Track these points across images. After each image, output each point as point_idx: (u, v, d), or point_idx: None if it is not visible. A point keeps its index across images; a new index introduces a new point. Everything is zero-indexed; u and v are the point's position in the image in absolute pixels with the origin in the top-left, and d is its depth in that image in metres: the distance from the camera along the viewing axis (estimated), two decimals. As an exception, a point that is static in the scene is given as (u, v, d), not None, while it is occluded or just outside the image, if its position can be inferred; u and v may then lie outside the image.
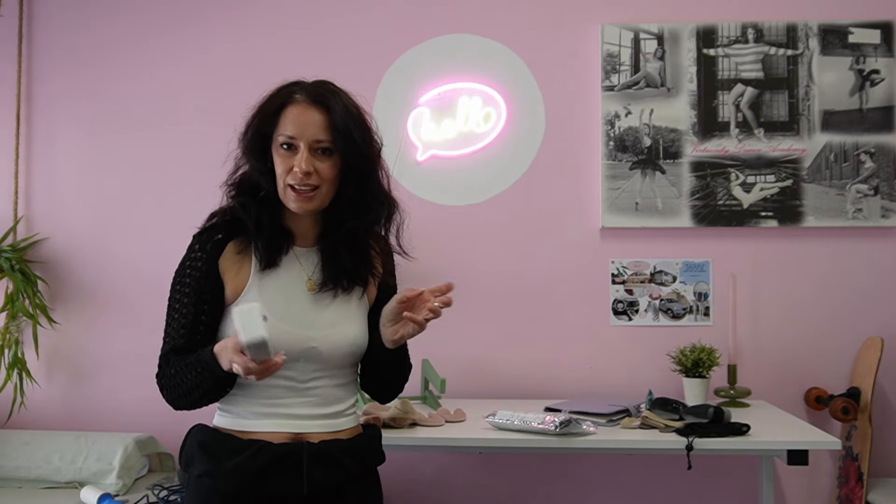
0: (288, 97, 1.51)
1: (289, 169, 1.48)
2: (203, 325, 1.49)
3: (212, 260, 1.51)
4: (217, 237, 1.53)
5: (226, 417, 1.53)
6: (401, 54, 2.99)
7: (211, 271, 1.50)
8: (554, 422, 2.23)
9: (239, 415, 1.51)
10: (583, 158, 2.96)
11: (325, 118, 1.48)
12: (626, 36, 2.93)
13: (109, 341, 3.05)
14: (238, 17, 3.06)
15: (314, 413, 1.52)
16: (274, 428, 1.49)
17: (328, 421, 1.54)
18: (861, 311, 2.89)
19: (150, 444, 2.82)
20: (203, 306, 1.49)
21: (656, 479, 2.90)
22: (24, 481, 2.72)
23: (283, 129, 1.49)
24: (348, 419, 1.58)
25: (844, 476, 2.77)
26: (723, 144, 2.91)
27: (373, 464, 1.62)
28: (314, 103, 1.49)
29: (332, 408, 1.54)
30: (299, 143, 1.47)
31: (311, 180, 1.47)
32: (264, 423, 1.50)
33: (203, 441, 1.52)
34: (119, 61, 3.09)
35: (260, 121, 1.52)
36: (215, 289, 1.50)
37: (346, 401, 1.59)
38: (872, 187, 2.88)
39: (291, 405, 1.50)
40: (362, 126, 1.52)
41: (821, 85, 2.90)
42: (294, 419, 1.50)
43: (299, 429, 1.50)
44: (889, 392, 2.88)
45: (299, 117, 1.48)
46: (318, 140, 1.48)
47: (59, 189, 3.11)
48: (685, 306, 2.92)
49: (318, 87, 1.52)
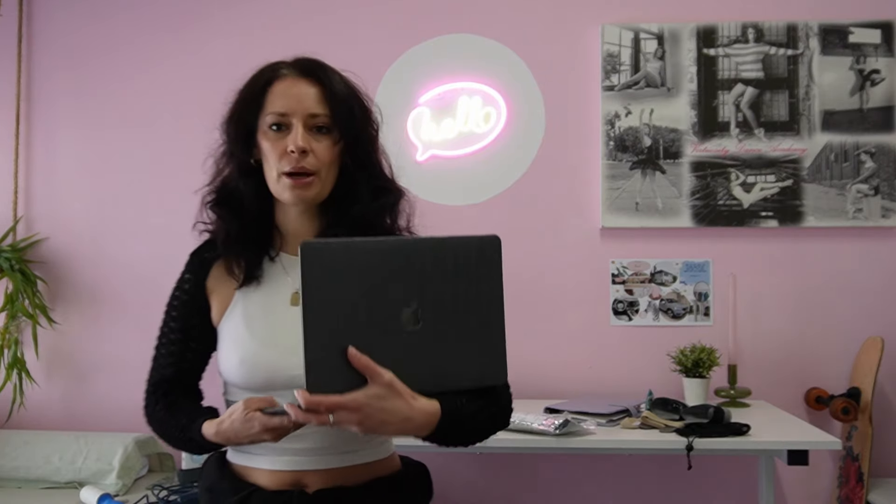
0: (273, 73, 1.32)
1: (282, 152, 1.27)
2: (191, 353, 1.38)
3: (199, 281, 1.38)
4: (204, 256, 1.39)
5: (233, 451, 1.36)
6: (401, 54, 2.99)
7: (198, 294, 1.37)
8: (554, 423, 2.23)
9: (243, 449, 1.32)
10: (583, 158, 2.95)
11: (319, 90, 1.30)
12: (626, 36, 2.93)
13: (109, 341, 3.05)
14: (237, 16, 3.06)
15: (314, 447, 1.29)
16: (270, 465, 1.30)
17: (334, 456, 1.30)
18: (861, 311, 2.89)
19: (150, 444, 2.82)
20: (192, 332, 1.37)
21: (656, 479, 2.90)
22: (24, 481, 2.72)
23: (270, 107, 1.29)
24: (369, 451, 1.32)
25: (845, 476, 2.77)
26: (723, 144, 2.91)
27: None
28: (305, 75, 1.31)
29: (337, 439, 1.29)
30: (292, 120, 1.28)
31: (307, 162, 1.27)
32: (263, 458, 1.31)
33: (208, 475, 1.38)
34: (119, 60, 3.09)
35: (243, 107, 1.33)
36: (202, 312, 1.37)
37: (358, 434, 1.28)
38: (873, 187, 2.88)
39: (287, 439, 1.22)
40: (361, 101, 1.35)
41: (821, 85, 2.90)
42: (291, 454, 1.29)
43: (298, 466, 1.29)
44: (889, 392, 2.87)
45: (290, 90, 1.29)
46: (314, 114, 1.29)
47: (59, 189, 3.10)
48: (685, 306, 2.92)
49: (306, 59, 1.34)
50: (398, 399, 1.10)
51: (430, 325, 1.14)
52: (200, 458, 2.63)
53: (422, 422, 1.15)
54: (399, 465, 1.39)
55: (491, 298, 1.20)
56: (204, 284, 1.38)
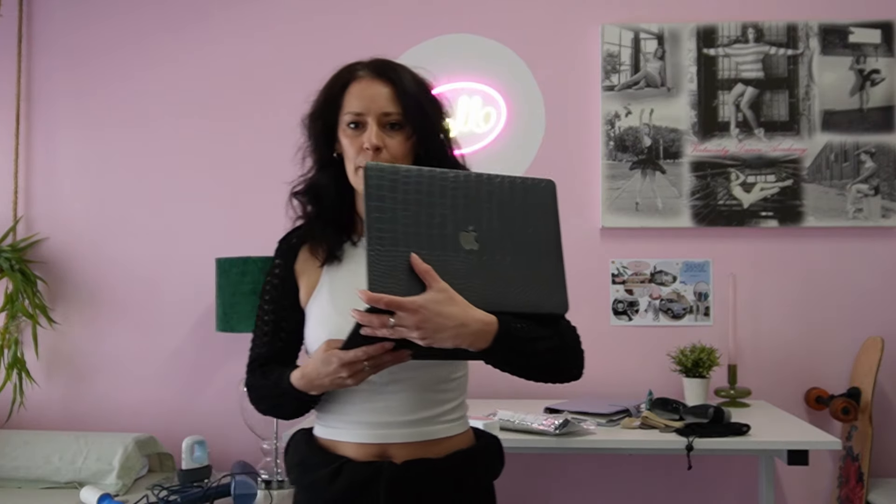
0: (350, 75, 1.43)
1: (359, 148, 1.38)
2: (284, 332, 1.47)
3: (288, 266, 1.49)
4: (292, 241, 1.51)
5: (319, 426, 1.46)
6: (401, 54, 2.99)
7: (288, 278, 1.48)
8: (554, 423, 2.23)
9: (330, 423, 1.43)
10: (583, 158, 2.96)
11: (391, 90, 1.40)
12: (626, 36, 2.93)
13: (109, 341, 3.05)
14: (238, 16, 3.06)
15: (397, 420, 1.37)
16: (357, 439, 1.38)
17: (417, 429, 1.38)
18: (861, 311, 2.89)
19: (150, 444, 2.82)
20: (283, 313, 1.47)
21: (656, 479, 2.90)
22: (24, 481, 2.72)
23: (348, 107, 1.41)
24: (448, 426, 1.41)
25: (844, 476, 2.77)
26: (723, 144, 2.91)
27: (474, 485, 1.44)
28: (378, 76, 1.42)
29: (420, 413, 1.38)
30: (367, 119, 1.39)
31: (381, 157, 1.37)
32: (350, 432, 1.39)
33: (296, 451, 1.48)
34: (119, 60, 3.09)
35: (323, 107, 1.44)
36: (293, 294, 1.48)
37: (444, 404, 1.41)
38: (873, 187, 2.88)
39: (371, 411, 1.37)
40: (431, 96, 1.45)
41: (821, 85, 2.90)
42: (377, 428, 1.38)
43: (384, 439, 1.37)
44: (889, 392, 2.87)
45: (365, 91, 1.40)
46: (387, 113, 1.39)
47: (59, 189, 3.10)
48: (685, 306, 2.92)
49: (380, 61, 1.46)
50: (454, 305, 1.19)
51: (488, 248, 1.23)
52: (202, 458, 2.64)
53: (476, 329, 1.21)
54: (474, 439, 1.48)
55: (548, 235, 1.28)
56: (293, 268, 1.49)
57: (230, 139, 3.04)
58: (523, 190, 1.28)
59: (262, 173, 3.00)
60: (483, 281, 1.22)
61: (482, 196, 1.24)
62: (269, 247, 2.85)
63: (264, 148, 3.02)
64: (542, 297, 1.28)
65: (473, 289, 1.21)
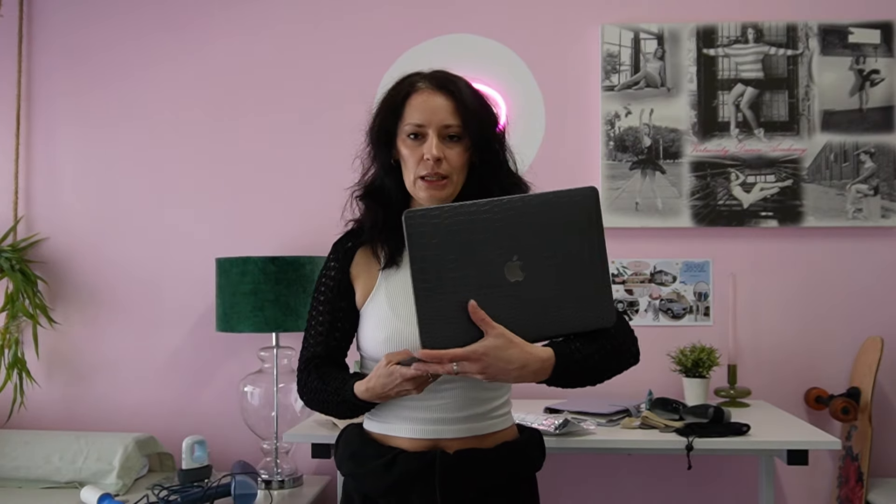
0: (411, 87, 1.50)
1: (419, 159, 1.45)
2: (339, 332, 1.52)
3: (344, 268, 1.54)
4: (348, 245, 1.56)
5: (371, 421, 1.54)
6: (401, 54, 2.99)
7: (343, 279, 1.53)
8: (554, 423, 2.23)
9: (383, 419, 1.51)
10: (583, 158, 2.96)
11: (451, 103, 1.47)
12: (626, 36, 2.93)
13: (109, 341, 3.05)
14: (238, 16, 3.06)
15: (451, 417, 1.47)
16: (411, 434, 1.47)
17: (468, 425, 1.48)
18: (861, 311, 2.89)
19: (150, 444, 2.82)
20: (338, 314, 1.52)
21: (656, 479, 2.90)
22: (24, 481, 2.72)
23: (409, 118, 1.47)
24: (496, 421, 1.52)
25: (844, 476, 2.77)
26: (723, 144, 2.91)
27: (520, 474, 1.55)
28: (439, 89, 1.49)
29: (471, 410, 1.48)
30: (427, 130, 1.45)
31: (441, 168, 1.44)
32: (403, 427, 1.48)
33: (349, 443, 1.55)
34: (119, 60, 3.09)
35: (384, 116, 1.50)
36: (349, 296, 1.53)
37: (492, 401, 1.51)
38: (872, 187, 2.88)
39: (426, 409, 1.46)
40: (488, 108, 1.51)
41: (821, 85, 2.90)
42: (430, 424, 1.46)
43: (437, 434, 1.46)
44: (889, 392, 2.88)
45: (426, 103, 1.47)
46: (447, 125, 1.46)
47: (59, 189, 3.11)
48: (685, 306, 2.92)
49: (440, 73, 1.53)
50: (514, 347, 1.27)
51: (533, 274, 1.24)
52: (202, 458, 2.64)
53: (537, 367, 1.32)
54: (518, 432, 1.58)
55: (591, 247, 1.29)
56: (348, 271, 1.54)
57: (230, 139, 3.04)
58: (563, 205, 1.29)
59: (262, 173, 3.00)
60: (532, 311, 1.26)
61: (523, 221, 1.25)
62: (269, 246, 2.86)
63: (264, 147, 3.02)
64: (588, 315, 1.32)
65: (523, 320, 1.25)
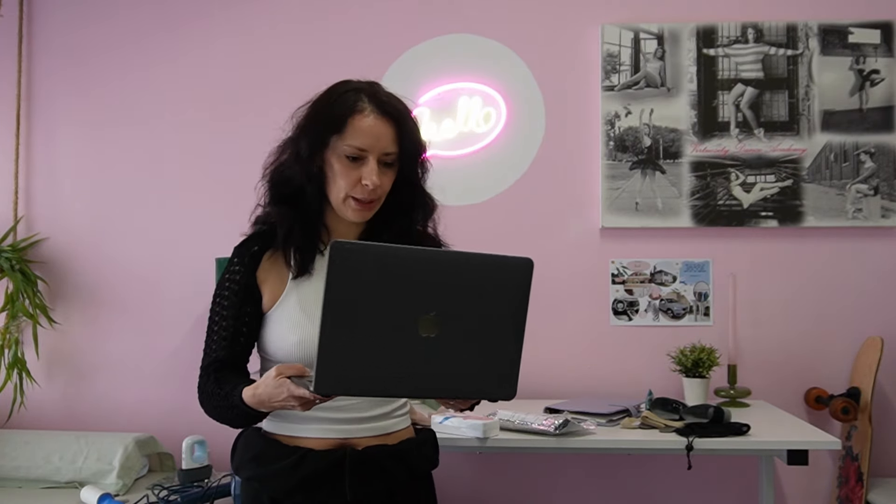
0: (354, 106, 1.46)
1: (355, 181, 1.45)
2: (243, 336, 1.50)
3: (250, 272, 1.51)
4: (254, 249, 1.53)
5: (273, 422, 1.52)
6: (401, 54, 2.99)
7: (249, 283, 1.51)
8: (554, 423, 2.23)
9: (286, 418, 1.50)
10: (583, 158, 2.96)
11: (393, 131, 1.47)
12: (626, 36, 2.93)
13: (109, 341, 3.05)
14: (238, 16, 3.06)
15: (360, 416, 1.49)
16: (319, 434, 1.48)
17: (375, 424, 1.51)
18: (861, 311, 2.89)
19: (150, 444, 2.82)
20: (244, 318, 1.50)
21: (656, 479, 2.90)
22: (24, 481, 2.72)
23: (350, 139, 1.45)
24: (398, 420, 1.55)
25: (844, 476, 2.77)
26: (723, 144, 2.91)
27: (422, 470, 1.58)
28: (383, 115, 1.47)
29: (379, 409, 1.51)
30: (368, 156, 1.45)
31: (375, 193, 1.46)
32: (310, 427, 1.48)
33: (250, 445, 1.53)
34: (119, 60, 3.09)
35: (324, 128, 1.47)
36: (254, 300, 1.51)
37: (395, 403, 1.55)
38: (872, 187, 2.88)
39: (335, 409, 1.47)
40: (419, 132, 1.53)
41: (821, 85, 2.90)
42: (340, 423, 1.48)
43: (345, 434, 1.48)
44: (889, 392, 2.88)
45: (371, 129, 1.45)
46: (388, 153, 1.46)
47: (59, 189, 3.10)
48: (685, 306, 2.92)
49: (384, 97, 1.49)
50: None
51: (447, 332, 1.20)
52: (202, 458, 2.64)
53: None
54: (414, 432, 1.61)
55: (513, 319, 1.27)
56: (255, 275, 1.52)
57: (230, 138, 3.04)
58: (498, 269, 1.26)
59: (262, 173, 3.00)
60: (437, 370, 1.21)
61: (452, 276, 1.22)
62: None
63: (264, 147, 3.00)
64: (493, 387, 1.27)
65: (425, 376, 1.21)
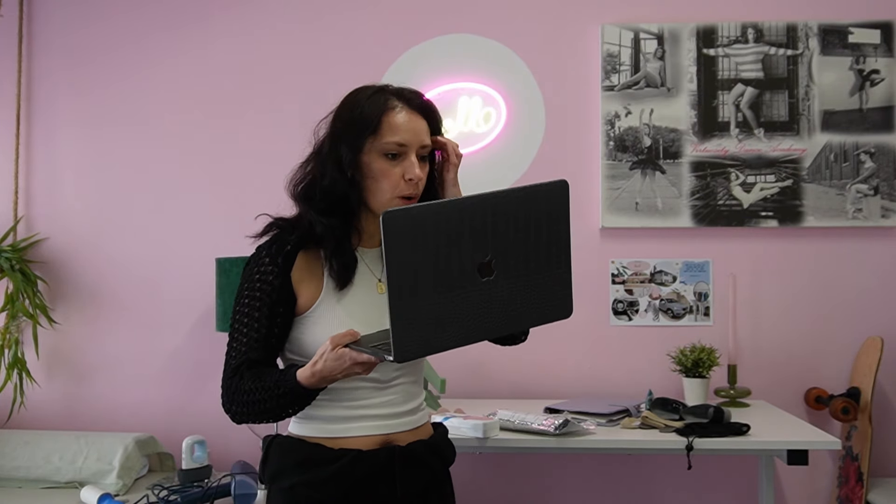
0: (386, 104, 1.47)
1: (399, 178, 1.45)
2: (275, 338, 1.48)
3: (284, 273, 1.48)
4: (287, 249, 1.49)
5: (308, 425, 1.50)
6: (401, 54, 2.99)
7: (284, 284, 1.48)
8: (554, 423, 2.23)
9: (324, 420, 1.49)
10: (583, 158, 2.96)
11: (425, 124, 1.49)
12: (626, 36, 2.93)
13: (109, 341, 3.05)
14: (238, 16, 3.06)
15: (397, 411, 1.51)
16: (361, 432, 1.48)
17: (410, 418, 1.53)
18: (861, 311, 2.89)
19: (150, 444, 2.82)
20: (276, 319, 1.47)
21: (656, 479, 2.90)
22: (24, 481, 2.72)
23: (389, 136, 1.45)
24: (423, 414, 1.59)
25: (844, 476, 2.77)
26: (723, 144, 2.91)
27: (451, 462, 1.62)
28: (414, 109, 1.49)
29: (411, 404, 1.54)
30: (408, 151, 1.46)
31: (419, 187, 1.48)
32: (351, 426, 1.48)
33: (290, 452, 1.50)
34: (118, 60, 3.09)
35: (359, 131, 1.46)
36: (288, 301, 1.48)
37: (420, 396, 1.59)
38: (872, 187, 2.88)
39: (376, 405, 1.48)
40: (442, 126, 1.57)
41: (821, 85, 2.90)
42: (380, 419, 1.49)
43: (386, 430, 1.49)
44: (889, 392, 2.88)
45: (408, 124, 1.46)
46: (424, 146, 1.48)
47: (59, 189, 3.10)
48: (685, 306, 2.92)
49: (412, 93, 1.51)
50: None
51: (504, 272, 1.26)
52: (202, 458, 2.64)
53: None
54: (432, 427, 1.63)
55: (558, 240, 1.33)
56: (289, 275, 1.49)
57: (230, 138, 3.04)
58: (537, 197, 1.30)
59: (262, 173, 3.00)
60: (499, 309, 1.27)
61: (497, 216, 1.26)
62: (269, 247, 2.85)
63: (264, 147, 3.02)
64: (551, 309, 1.37)
65: (491, 317, 1.26)
